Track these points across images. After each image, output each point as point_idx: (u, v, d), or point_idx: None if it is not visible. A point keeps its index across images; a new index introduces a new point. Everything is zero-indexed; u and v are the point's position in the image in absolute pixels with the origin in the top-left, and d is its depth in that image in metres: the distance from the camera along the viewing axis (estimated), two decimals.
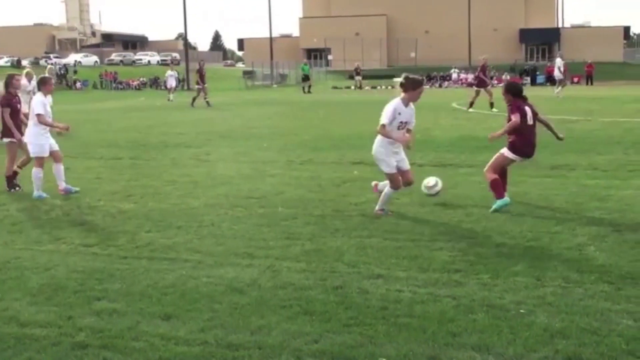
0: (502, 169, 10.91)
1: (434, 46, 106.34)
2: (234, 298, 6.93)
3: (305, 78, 59.40)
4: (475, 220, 9.97)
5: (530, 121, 10.73)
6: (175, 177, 14.41)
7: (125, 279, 7.70)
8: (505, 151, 10.83)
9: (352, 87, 67.74)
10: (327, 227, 9.69)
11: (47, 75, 13.54)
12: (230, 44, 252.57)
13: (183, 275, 7.74)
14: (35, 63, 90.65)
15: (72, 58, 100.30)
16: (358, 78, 66.86)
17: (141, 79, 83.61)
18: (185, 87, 73.94)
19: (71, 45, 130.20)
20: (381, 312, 6.42)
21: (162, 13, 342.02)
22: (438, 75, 79.40)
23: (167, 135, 22.77)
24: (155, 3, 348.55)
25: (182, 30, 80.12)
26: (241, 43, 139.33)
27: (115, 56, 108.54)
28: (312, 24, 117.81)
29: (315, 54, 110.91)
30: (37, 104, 12.77)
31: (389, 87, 61.98)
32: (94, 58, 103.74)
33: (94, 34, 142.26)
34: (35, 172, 12.71)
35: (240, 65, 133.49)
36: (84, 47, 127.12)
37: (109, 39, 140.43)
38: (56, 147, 13.10)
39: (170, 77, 49.84)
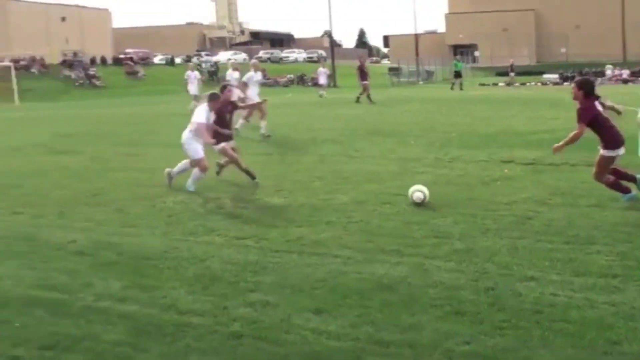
0: (609, 170, 10.63)
1: (586, 41, 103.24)
2: (384, 295, 6.96)
3: (457, 75, 58.66)
4: (634, 223, 9.61)
5: (604, 113, 10.55)
6: (324, 172, 14.56)
7: (277, 272, 7.86)
8: (602, 152, 10.54)
9: (504, 84, 66.36)
10: (477, 227, 9.58)
11: (217, 92, 13.77)
12: (376, 40, 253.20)
13: (333, 271, 7.83)
14: (187, 61, 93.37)
15: (222, 56, 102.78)
16: (512, 74, 65.38)
17: (288, 76, 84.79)
18: (332, 85, 74.50)
19: (221, 43, 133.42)
20: (535, 315, 6.29)
21: (308, 11, 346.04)
22: (590, 72, 77.09)
23: (316, 132, 23.01)
24: (301, 1, 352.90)
25: (328, 28, 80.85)
26: (386, 40, 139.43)
27: (263, 54, 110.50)
28: (458, 19, 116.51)
29: (462, 51, 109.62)
30: (200, 113, 13.24)
31: (538, 84, 60.56)
32: (243, 55, 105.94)
33: (242, 32, 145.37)
34: (198, 172, 13.16)
35: (385, 62, 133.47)
36: (234, 45, 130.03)
37: (257, 37, 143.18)
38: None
39: (322, 74, 50.24)
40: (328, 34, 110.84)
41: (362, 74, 38.99)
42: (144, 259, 8.51)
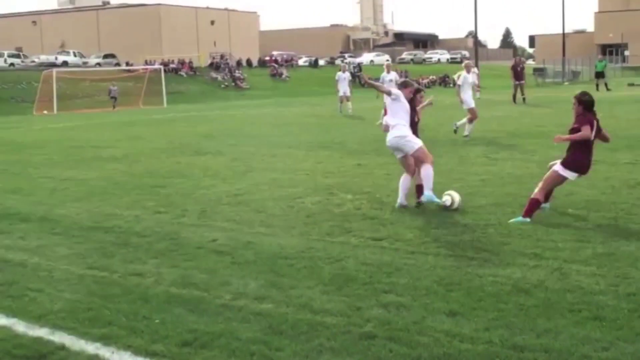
0: (552, 189, 10.41)
1: None
2: (520, 299, 6.83)
3: (598, 75, 57.00)
4: None
5: (592, 137, 10.19)
6: (463, 175, 14.42)
7: (412, 273, 7.82)
8: (559, 168, 10.16)
9: None
10: (619, 231, 9.28)
11: (408, 79, 13.39)
12: (521, 41, 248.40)
13: (469, 273, 7.74)
14: (330, 63, 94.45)
15: (365, 57, 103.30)
16: None
17: (431, 77, 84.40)
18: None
19: (365, 44, 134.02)
20: None
21: (452, 11, 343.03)
22: None
23: (455, 133, 22.80)
24: (446, 2, 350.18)
25: (472, 28, 79.92)
26: (532, 40, 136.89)
27: (406, 55, 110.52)
28: (608, 18, 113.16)
29: (611, 50, 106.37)
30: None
31: None
32: (386, 57, 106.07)
33: (386, 33, 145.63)
34: (428, 169, 11.47)
35: (530, 62, 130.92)
36: (377, 47, 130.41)
37: (401, 38, 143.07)
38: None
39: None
40: (472, 35, 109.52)
41: (517, 73, 38.40)
42: (281, 259, 8.63)
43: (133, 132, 29.43)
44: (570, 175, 10.21)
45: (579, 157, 10.19)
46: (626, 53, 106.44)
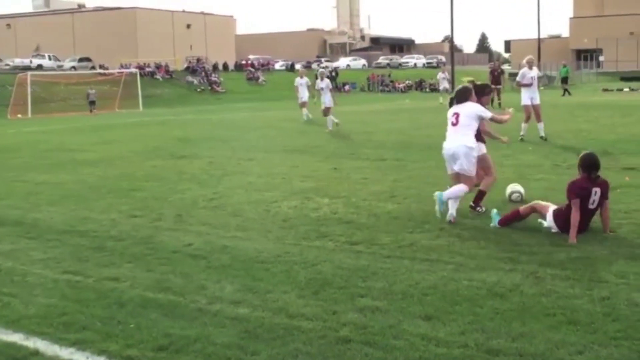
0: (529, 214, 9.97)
1: None
2: (495, 303, 6.86)
3: (564, 81, 57.79)
4: None
5: (592, 205, 9.30)
6: (439, 179, 14.42)
7: (387, 277, 7.83)
8: (550, 214, 9.57)
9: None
10: (594, 235, 9.33)
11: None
12: (497, 45, 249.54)
13: (444, 277, 7.76)
14: (307, 67, 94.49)
15: (342, 62, 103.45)
16: None
17: (407, 82, 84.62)
18: (451, 90, 73.95)
19: (341, 49, 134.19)
20: None
21: (429, 16, 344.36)
22: None
23: (432, 138, 22.82)
24: (422, 6, 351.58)
25: (449, 33, 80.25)
26: (508, 44, 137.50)
27: (382, 59, 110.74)
28: (583, 23, 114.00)
29: (586, 55, 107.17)
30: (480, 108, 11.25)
31: None
32: (362, 61, 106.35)
33: (363, 38, 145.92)
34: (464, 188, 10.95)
35: (506, 67, 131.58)
36: (353, 51, 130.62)
37: (377, 43, 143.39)
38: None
39: (443, 80, 50.03)
40: (448, 39, 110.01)
41: (494, 78, 38.57)
42: (257, 263, 8.62)
43: (108, 135, 29.30)
44: (554, 227, 9.55)
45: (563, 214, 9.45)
46: (601, 58, 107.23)
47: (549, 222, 9.67)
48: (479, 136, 11.43)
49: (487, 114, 11.19)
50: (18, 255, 9.44)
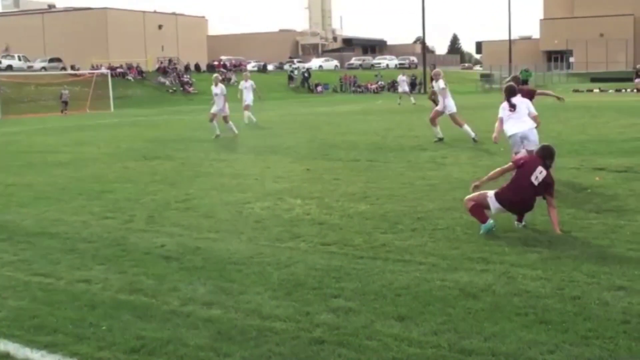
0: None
1: None
2: (467, 303, 6.89)
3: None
4: None
5: (535, 180, 9.72)
6: (412, 179, 14.51)
7: (360, 278, 7.84)
8: (492, 197, 9.84)
9: (627, 90, 64.19)
10: (565, 235, 9.40)
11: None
12: (469, 46, 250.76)
13: (417, 278, 7.79)
14: (279, 68, 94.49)
15: (314, 62, 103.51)
16: (638, 80, 62.44)
17: (379, 83, 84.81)
18: (422, 91, 74.35)
19: (313, 50, 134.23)
20: (623, 325, 6.14)
21: (401, 17, 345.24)
22: None
23: (404, 138, 22.99)
24: (394, 8, 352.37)
25: (421, 34, 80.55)
26: (479, 46, 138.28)
27: (354, 60, 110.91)
28: (553, 25, 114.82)
29: (556, 57, 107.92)
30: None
31: (635, 91, 58.95)
32: (334, 62, 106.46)
33: (335, 39, 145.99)
34: None
35: (477, 68, 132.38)
36: (325, 52, 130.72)
37: (349, 44, 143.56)
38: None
39: (403, 82, 50.62)
40: (420, 40, 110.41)
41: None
42: (230, 264, 8.60)
43: (79, 137, 29.12)
44: (500, 208, 9.86)
45: (505, 191, 9.87)
46: (571, 59, 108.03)
47: (493, 206, 9.79)
48: None
49: None
50: None
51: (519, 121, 13.30)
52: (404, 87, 50.39)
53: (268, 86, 70.44)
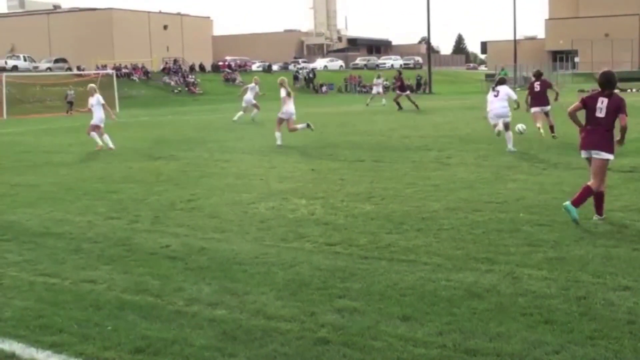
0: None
1: None
2: (472, 303, 6.88)
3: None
4: None
5: (600, 113, 10.36)
6: (416, 179, 14.50)
7: (365, 278, 7.84)
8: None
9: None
10: (570, 235, 9.39)
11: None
12: (474, 47, 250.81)
13: (422, 278, 7.78)
14: (284, 68, 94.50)
15: (319, 63, 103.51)
16: None
17: (384, 83, 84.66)
18: (427, 91, 74.47)
19: (318, 50, 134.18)
20: (628, 326, 6.13)
21: (406, 17, 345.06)
22: None
23: (409, 139, 22.98)
24: (399, 8, 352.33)
25: (425, 34, 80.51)
26: (484, 46, 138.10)
27: (359, 60, 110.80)
28: (558, 25, 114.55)
29: (561, 57, 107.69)
30: None
31: None
32: (339, 62, 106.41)
33: (340, 39, 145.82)
34: None
35: (483, 68, 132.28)
36: (330, 52, 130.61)
37: (354, 44, 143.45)
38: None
39: (378, 85, 51.84)
40: (425, 41, 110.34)
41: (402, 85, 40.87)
42: (235, 264, 8.60)
43: (84, 137, 29.05)
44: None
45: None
46: (576, 59, 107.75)
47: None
48: None
49: None
50: None
51: (497, 103, 19.38)
52: (378, 88, 51.49)
53: (273, 86, 70.44)
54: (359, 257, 8.73)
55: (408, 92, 42.96)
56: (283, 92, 22.82)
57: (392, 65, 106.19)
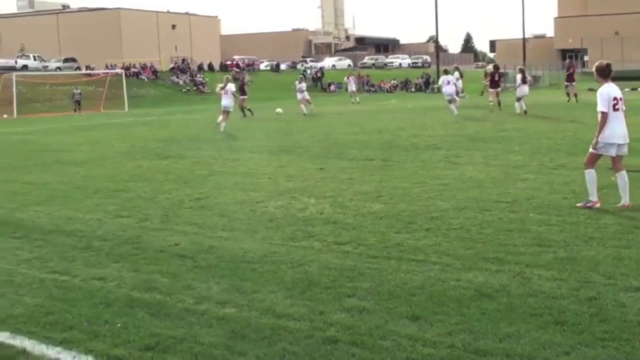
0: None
1: None
2: (482, 303, 6.86)
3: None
4: None
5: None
6: (425, 179, 14.48)
7: (374, 277, 7.83)
8: None
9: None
10: (581, 235, 9.35)
11: None
12: (482, 45, 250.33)
13: (431, 278, 7.76)
14: (292, 67, 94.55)
15: (327, 62, 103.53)
16: None
17: (392, 82, 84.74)
18: (436, 90, 74.32)
19: (326, 49, 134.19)
20: (639, 327, 6.11)
21: (414, 16, 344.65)
22: None
23: (418, 138, 22.93)
24: (407, 7, 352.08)
25: (434, 33, 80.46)
26: (493, 44, 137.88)
27: (367, 59, 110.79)
28: (568, 23, 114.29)
29: (571, 55, 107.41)
30: None
31: None
32: (348, 61, 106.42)
33: (348, 38, 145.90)
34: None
35: (489, 67, 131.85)
36: (338, 51, 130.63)
37: (362, 43, 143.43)
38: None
39: (350, 82, 53.72)
40: (433, 39, 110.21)
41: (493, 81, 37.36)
42: (244, 263, 8.61)
43: (94, 136, 29.24)
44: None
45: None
46: (585, 58, 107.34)
47: None
48: None
49: None
50: (4, 255, 9.41)
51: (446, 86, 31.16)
52: (351, 87, 53.24)
53: (281, 85, 70.57)
54: (368, 257, 8.72)
55: (499, 88, 37.12)
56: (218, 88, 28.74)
57: (400, 64, 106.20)
